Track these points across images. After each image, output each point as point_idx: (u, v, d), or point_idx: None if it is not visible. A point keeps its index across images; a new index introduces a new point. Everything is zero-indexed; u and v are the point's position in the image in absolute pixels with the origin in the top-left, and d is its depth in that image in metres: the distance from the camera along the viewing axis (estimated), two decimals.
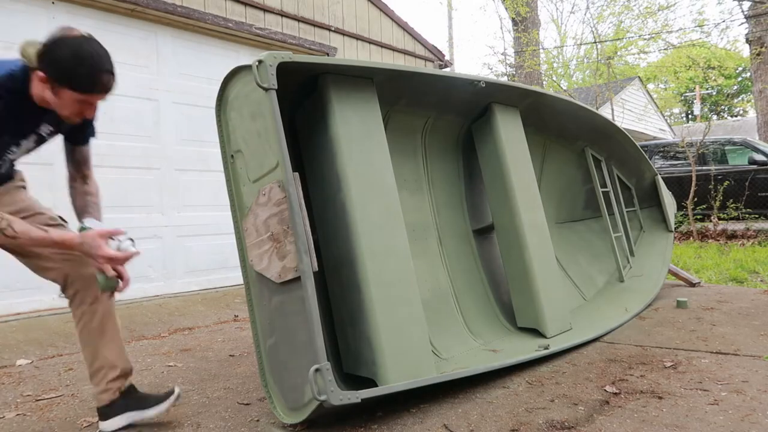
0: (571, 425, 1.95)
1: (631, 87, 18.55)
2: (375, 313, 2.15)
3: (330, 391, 1.78)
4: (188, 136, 4.88)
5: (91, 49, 1.61)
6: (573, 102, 3.75)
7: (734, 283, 5.07)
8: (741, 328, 3.17)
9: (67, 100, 1.65)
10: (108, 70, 1.64)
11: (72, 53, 1.58)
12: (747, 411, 1.99)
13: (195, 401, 2.39)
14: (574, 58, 21.43)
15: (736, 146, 9.20)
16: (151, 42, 4.69)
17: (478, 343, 2.99)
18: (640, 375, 2.45)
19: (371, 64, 2.52)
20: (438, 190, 3.34)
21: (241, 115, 2.16)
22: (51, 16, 4.12)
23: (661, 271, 4.17)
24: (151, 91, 4.66)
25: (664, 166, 9.40)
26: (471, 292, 3.26)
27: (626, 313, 3.52)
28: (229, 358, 3.10)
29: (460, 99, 3.14)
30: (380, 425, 2.03)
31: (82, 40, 1.60)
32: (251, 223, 2.14)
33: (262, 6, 5.40)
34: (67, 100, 1.65)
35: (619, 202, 4.51)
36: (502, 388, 2.37)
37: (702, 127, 10.66)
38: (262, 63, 1.92)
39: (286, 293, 2.02)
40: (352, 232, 2.21)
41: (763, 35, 11.15)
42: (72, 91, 1.62)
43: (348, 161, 2.26)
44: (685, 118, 33.12)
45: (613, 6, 17.44)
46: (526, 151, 3.30)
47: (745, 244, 7.60)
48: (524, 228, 3.10)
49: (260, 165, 2.09)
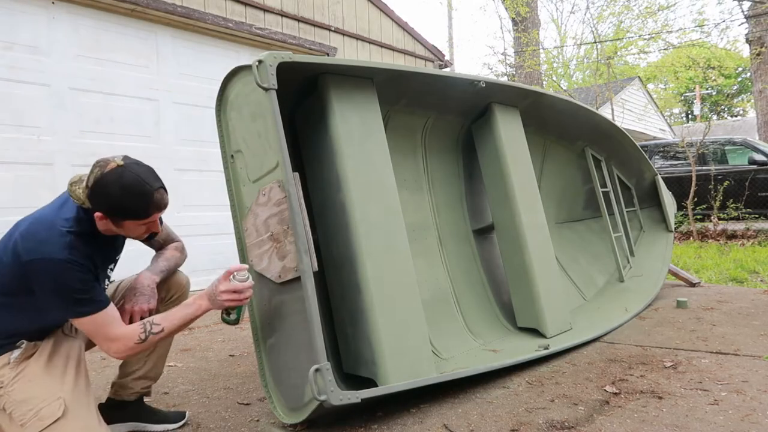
0: (571, 425, 1.95)
1: (631, 87, 18.54)
2: (375, 313, 2.15)
3: (330, 391, 1.78)
4: (188, 136, 4.88)
5: (133, 177, 1.60)
6: (573, 102, 3.75)
7: (734, 283, 5.06)
8: (741, 328, 3.17)
9: (131, 228, 1.70)
10: (157, 187, 1.65)
11: (119, 189, 1.58)
12: (747, 411, 1.99)
13: (195, 401, 2.39)
14: (574, 58, 21.43)
15: (736, 146, 9.20)
16: (151, 42, 4.69)
17: (478, 343, 2.99)
18: (640, 375, 2.45)
19: (371, 64, 2.52)
20: (438, 190, 3.34)
21: (241, 115, 2.16)
22: (51, 16, 4.12)
23: (661, 271, 4.17)
24: (151, 91, 4.66)
25: (664, 166, 9.39)
26: (471, 292, 3.26)
27: (626, 313, 3.52)
28: (229, 358, 3.10)
29: (460, 99, 3.14)
30: (380, 425, 2.03)
31: (121, 170, 1.60)
32: (251, 223, 2.14)
33: (262, 6, 5.40)
34: (131, 228, 1.70)
35: (619, 202, 4.51)
36: (502, 388, 2.37)
37: (702, 127, 10.65)
38: (262, 63, 1.91)
39: (286, 293, 2.02)
40: (352, 232, 2.21)
41: (763, 35, 11.15)
42: (131, 221, 1.66)
43: (348, 161, 2.26)
44: (685, 118, 33.11)
45: (613, 6, 17.44)
46: (526, 151, 3.30)
47: (745, 244, 7.60)
48: (524, 228, 3.10)
49: (260, 165, 2.08)
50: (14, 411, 1.54)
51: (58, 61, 4.13)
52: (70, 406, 1.57)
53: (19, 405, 1.55)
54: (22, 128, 3.94)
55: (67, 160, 4.14)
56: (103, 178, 1.58)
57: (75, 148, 4.19)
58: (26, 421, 1.52)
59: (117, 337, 1.63)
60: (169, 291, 2.06)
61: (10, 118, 3.90)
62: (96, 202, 1.60)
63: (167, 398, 2.44)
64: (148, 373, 2.06)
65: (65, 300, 1.57)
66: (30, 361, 1.63)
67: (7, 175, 3.85)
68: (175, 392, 2.52)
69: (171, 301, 2.05)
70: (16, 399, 1.56)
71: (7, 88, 3.89)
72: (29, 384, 1.58)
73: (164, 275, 1.98)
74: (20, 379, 1.59)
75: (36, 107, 4.01)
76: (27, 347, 1.64)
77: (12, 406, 1.55)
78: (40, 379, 1.60)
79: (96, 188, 1.59)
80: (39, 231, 1.58)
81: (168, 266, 2.01)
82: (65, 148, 4.14)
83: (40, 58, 4.05)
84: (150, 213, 1.66)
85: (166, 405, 2.33)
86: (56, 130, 4.10)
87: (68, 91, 4.18)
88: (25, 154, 3.95)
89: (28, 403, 1.55)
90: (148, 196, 1.62)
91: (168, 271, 2.01)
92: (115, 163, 1.60)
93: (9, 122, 3.89)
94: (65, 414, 1.54)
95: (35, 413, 1.53)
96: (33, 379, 1.59)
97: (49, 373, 1.62)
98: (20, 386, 1.58)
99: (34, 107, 4.01)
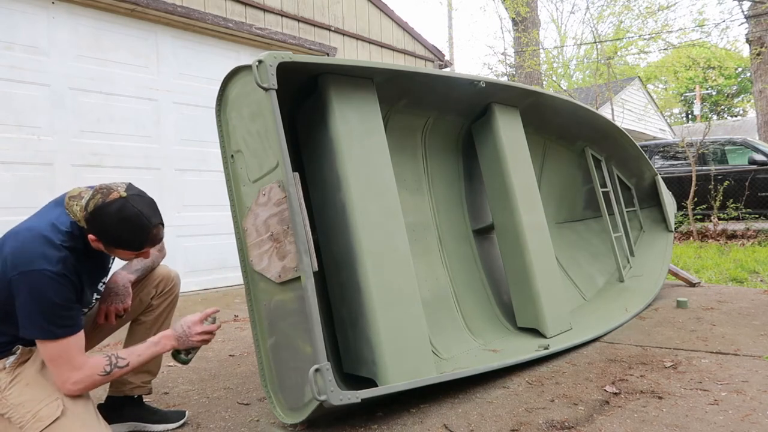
0: (571, 425, 1.95)
1: (631, 87, 18.54)
2: (375, 313, 2.15)
3: (330, 391, 1.78)
4: (188, 136, 4.88)
5: (134, 212, 1.59)
6: (573, 102, 3.75)
7: (734, 283, 5.06)
8: (741, 328, 3.17)
9: (122, 255, 1.71)
10: (156, 224, 1.65)
11: (118, 221, 1.58)
12: (747, 411, 1.99)
13: (195, 401, 2.39)
14: (574, 58, 21.43)
15: (736, 146, 9.19)
16: (151, 42, 4.68)
17: (478, 343, 2.99)
18: (640, 375, 2.45)
19: (371, 64, 2.51)
20: (438, 190, 3.34)
21: (241, 115, 2.16)
22: (51, 16, 4.11)
23: (661, 271, 4.17)
24: (151, 91, 4.66)
25: (664, 166, 9.39)
26: (471, 292, 3.26)
27: (626, 313, 3.52)
28: (229, 358, 3.10)
29: (460, 99, 3.14)
30: (380, 425, 2.03)
31: (123, 201, 1.59)
32: (251, 223, 2.14)
33: (262, 6, 5.40)
34: (122, 255, 1.71)
35: (619, 202, 4.51)
36: (502, 388, 2.37)
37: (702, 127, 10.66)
38: (262, 63, 1.91)
39: (286, 293, 2.02)
40: (352, 232, 2.21)
41: (763, 35, 11.14)
42: (124, 251, 1.67)
43: (348, 161, 2.26)
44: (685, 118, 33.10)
45: (613, 6, 17.44)
46: (526, 151, 3.30)
47: (745, 244, 7.60)
48: (524, 228, 3.10)
49: (260, 165, 2.08)
50: (13, 414, 1.54)
51: (58, 61, 4.13)
52: (69, 406, 1.57)
53: (17, 408, 1.55)
54: (22, 128, 3.94)
55: (67, 160, 4.14)
56: (104, 207, 1.57)
57: (75, 148, 4.19)
58: (25, 423, 1.52)
59: (81, 366, 1.58)
60: (158, 286, 2.08)
61: (10, 118, 3.90)
62: (92, 227, 1.60)
63: (167, 398, 2.44)
64: (146, 366, 2.03)
65: (45, 317, 1.52)
66: (26, 366, 1.63)
67: (7, 175, 3.85)
68: (175, 392, 2.52)
69: (162, 295, 2.08)
70: (14, 402, 1.55)
71: (7, 88, 3.89)
72: (26, 387, 1.58)
73: (139, 274, 2.01)
74: (17, 383, 1.58)
75: (36, 107, 4.01)
76: (22, 352, 1.64)
77: (10, 410, 1.55)
78: (37, 382, 1.60)
79: (95, 214, 1.58)
80: (33, 242, 1.55)
81: (144, 265, 2.02)
82: (65, 148, 4.14)
83: (40, 58, 4.05)
84: (144, 247, 1.67)
85: (166, 405, 2.34)
86: (56, 130, 4.10)
87: (68, 91, 4.18)
88: (25, 154, 3.95)
89: (26, 406, 1.55)
90: (145, 231, 1.62)
91: (144, 270, 2.03)
92: (117, 193, 1.60)
93: (9, 122, 3.88)
94: (64, 413, 1.54)
95: (34, 414, 1.53)
96: (30, 382, 1.59)
97: (46, 376, 1.62)
98: (17, 390, 1.57)
99: (34, 107, 4.00)
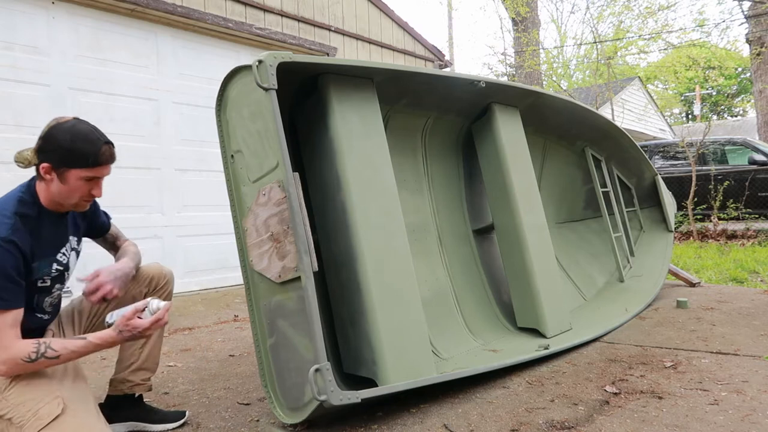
0: (571, 425, 1.95)
1: (631, 87, 18.54)
2: (375, 313, 2.15)
3: (330, 391, 1.78)
4: (188, 136, 4.88)
5: (85, 127, 1.69)
6: (573, 102, 3.75)
7: (734, 283, 5.06)
8: (741, 328, 3.17)
9: (74, 183, 1.69)
10: (107, 141, 1.72)
11: (69, 134, 1.65)
12: (747, 411, 1.99)
13: (195, 401, 2.39)
14: (574, 58, 21.43)
15: (736, 146, 9.19)
16: (151, 42, 4.69)
17: (478, 343, 2.99)
18: (640, 375, 2.45)
19: (371, 64, 2.51)
20: (438, 190, 3.34)
21: (241, 115, 2.16)
22: (51, 16, 4.12)
23: (661, 271, 4.17)
24: (151, 91, 4.66)
25: (664, 166, 9.39)
26: (471, 292, 3.26)
27: (626, 313, 3.52)
28: (229, 358, 3.10)
29: (460, 99, 3.14)
30: (380, 425, 2.03)
31: (74, 121, 1.69)
32: (251, 223, 2.14)
33: (262, 6, 5.40)
34: (74, 183, 1.69)
35: (619, 202, 4.51)
36: (502, 388, 2.37)
37: (702, 127, 10.66)
38: (262, 63, 1.92)
39: (286, 293, 2.02)
40: (352, 232, 2.21)
41: (763, 35, 11.14)
42: (78, 170, 1.67)
43: (348, 161, 2.26)
44: (685, 118, 33.10)
45: (613, 6, 17.43)
46: (526, 151, 3.30)
47: (745, 244, 7.60)
48: (524, 228, 3.10)
49: (260, 165, 2.08)
50: (13, 414, 1.54)
51: (58, 61, 4.13)
52: (69, 404, 1.56)
53: (17, 407, 1.54)
54: (22, 128, 3.93)
55: None
56: (58, 125, 1.67)
57: None
58: (25, 422, 1.52)
59: (8, 346, 1.54)
60: (150, 284, 2.06)
61: (11, 118, 3.90)
62: (45, 150, 1.65)
63: (167, 398, 2.44)
64: (145, 363, 2.07)
65: None
66: None
67: (7, 175, 3.85)
68: (175, 392, 2.52)
69: (155, 292, 2.06)
70: (14, 402, 1.55)
71: (8, 88, 3.89)
72: (26, 387, 1.58)
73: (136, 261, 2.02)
74: (17, 383, 1.58)
75: (36, 107, 4.01)
76: None
77: (10, 411, 1.54)
78: (37, 382, 1.60)
79: (48, 134, 1.65)
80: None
81: (136, 262, 2.03)
82: None
83: (40, 58, 4.05)
84: (99, 161, 1.68)
85: (166, 405, 2.34)
86: None
87: (68, 91, 4.18)
88: None
89: (26, 405, 1.54)
90: (98, 143, 1.68)
91: (137, 267, 2.04)
92: (69, 117, 1.70)
93: (9, 122, 3.89)
94: (64, 411, 1.54)
95: (34, 413, 1.52)
96: (30, 382, 1.59)
97: (45, 375, 1.62)
98: (17, 390, 1.57)
99: (34, 107, 4.00)
